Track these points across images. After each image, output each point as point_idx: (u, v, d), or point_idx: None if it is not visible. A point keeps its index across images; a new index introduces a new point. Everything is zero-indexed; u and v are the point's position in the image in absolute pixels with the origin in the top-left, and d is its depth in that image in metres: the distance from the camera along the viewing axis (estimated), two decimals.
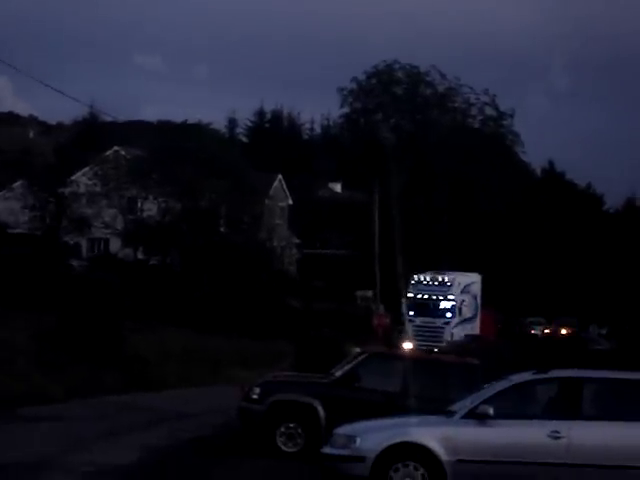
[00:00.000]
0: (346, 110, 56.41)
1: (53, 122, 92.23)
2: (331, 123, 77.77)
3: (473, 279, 48.15)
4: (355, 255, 57.14)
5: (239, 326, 40.04)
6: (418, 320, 46.08)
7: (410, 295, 47.25)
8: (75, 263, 50.17)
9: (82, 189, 52.81)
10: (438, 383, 19.24)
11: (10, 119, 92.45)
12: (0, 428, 20.59)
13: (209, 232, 52.38)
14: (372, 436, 14.76)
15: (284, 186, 67.56)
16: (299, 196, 66.49)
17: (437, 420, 15.03)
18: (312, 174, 69.75)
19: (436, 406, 16.04)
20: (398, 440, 14.53)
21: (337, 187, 75.35)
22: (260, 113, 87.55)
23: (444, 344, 41.16)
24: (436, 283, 46.72)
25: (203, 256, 49.76)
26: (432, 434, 14.55)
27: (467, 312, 46.35)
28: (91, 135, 59.05)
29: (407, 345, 35.96)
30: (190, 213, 51.90)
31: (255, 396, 20.01)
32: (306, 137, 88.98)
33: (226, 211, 54.34)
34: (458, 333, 44.19)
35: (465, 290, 47.04)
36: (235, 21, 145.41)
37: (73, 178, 53.80)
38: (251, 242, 51.54)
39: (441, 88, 55.18)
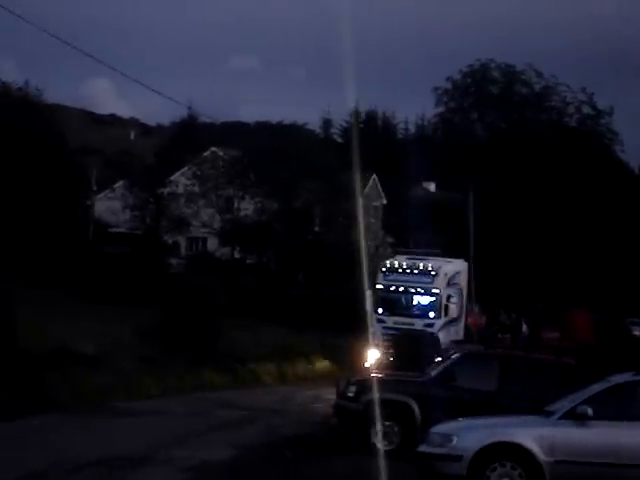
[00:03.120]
0: (441, 109, 56.27)
1: (153, 124, 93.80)
2: (425, 123, 77.49)
3: (459, 267, 37.70)
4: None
5: (334, 324, 40.22)
6: (390, 321, 34.48)
7: (380, 286, 35.40)
8: (174, 261, 51.02)
9: (181, 189, 53.62)
10: (534, 383, 19.09)
11: (112, 121, 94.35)
12: (100, 423, 21.09)
13: (304, 231, 52.78)
14: (469, 435, 14.75)
15: (378, 186, 67.60)
16: (393, 196, 66.44)
17: (535, 420, 14.95)
18: (406, 174, 69.60)
19: (532, 406, 15.97)
20: (495, 440, 14.50)
21: (431, 187, 75.10)
22: (355, 113, 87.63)
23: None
24: (416, 271, 35.21)
25: (298, 255, 50.13)
26: (530, 434, 14.48)
27: (454, 311, 35.20)
28: (189, 136, 59.91)
29: (371, 355, 32.11)
30: (285, 213, 52.35)
31: (351, 394, 20.13)
32: (400, 137, 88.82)
33: (320, 211, 54.64)
34: (443, 338, 33.36)
35: (452, 282, 36.00)
36: (330, 22, 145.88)
37: (172, 178, 54.68)
38: (345, 241, 51.73)
39: (537, 87, 54.66)
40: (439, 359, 22.56)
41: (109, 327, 30.13)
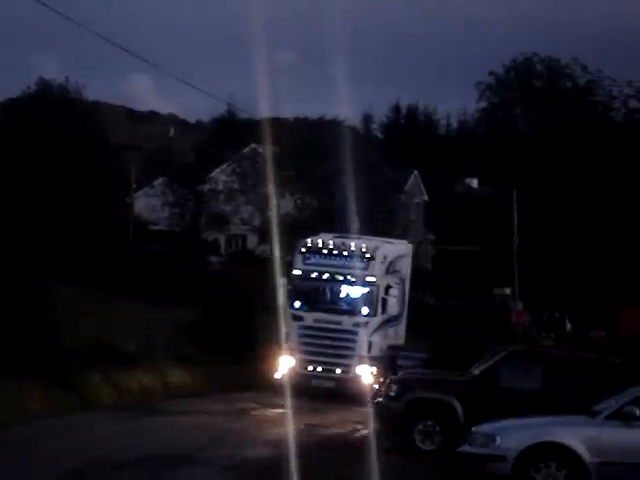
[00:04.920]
0: (483, 104, 55.81)
1: (192, 120, 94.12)
2: (468, 118, 77.07)
3: (402, 251, 29.81)
4: (492, 252, 56.47)
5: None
6: (309, 318, 27.09)
7: (297, 272, 27.67)
8: (213, 259, 51.04)
9: (220, 186, 53.67)
10: (580, 382, 18.85)
11: (151, 118, 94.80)
12: (141, 421, 21.09)
13: (344, 228, 52.52)
14: (513, 435, 14.59)
15: (420, 182, 67.31)
16: (435, 192, 66.13)
17: (580, 420, 14.74)
18: (448, 170, 69.30)
19: (578, 406, 15.70)
20: (540, 440, 14.33)
21: (474, 182, 74.65)
22: (396, 108, 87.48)
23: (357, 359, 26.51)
24: (345, 253, 27.27)
25: None
26: (575, 434, 14.30)
27: (394, 307, 27.52)
28: (229, 133, 59.95)
29: (285, 361, 26.74)
30: (325, 209, 52.17)
31: (393, 393, 19.95)
32: (442, 132, 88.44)
33: (361, 207, 54.43)
34: (379, 342, 26.97)
35: (392, 268, 28.06)
36: (371, 17, 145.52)
37: (211, 175, 54.75)
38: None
39: (582, 81, 54.02)
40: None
41: (148, 325, 30.16)
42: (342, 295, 27.63)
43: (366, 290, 27.12)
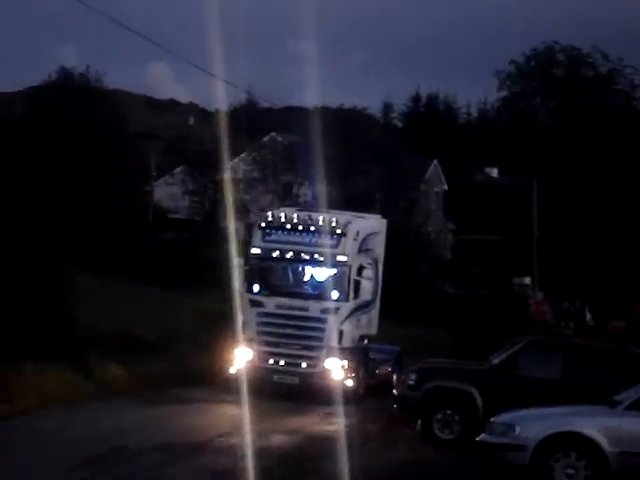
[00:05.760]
0: (504, 94, 55.57)
1: (212, 109, 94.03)
2: (488, 107, 76.75)
3: (376, 227, 26.16)
4: (512, 241, 56.30)
5: (395, 312, 39.90)
6: (270, 303, 23.63)
7: (255, 251, 24.12)
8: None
9: (240, 175, 53.65)
10: (600, 372, 18.80)
11: (171, 106, 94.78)
12: (161, 409, 21.17)
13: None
14: (532, 425, 14.57)
15: (440, 171, 67.11)
16: (455, 181, 65.94)
17: (600, 410, 14.70)
18: (468, 159, 69.04)
19: (597, 396, 15.66)
20: (559, 430, 14.30)
21: (494, 172, 74.37)
22: (416, 97, 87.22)
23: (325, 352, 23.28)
24: (312, 229, 23.69)
25: None
26: (595, 424, 14.26)
27: (366, 291, 24.05)
28: (248, 121, 59.92)
29: (241, 353, 23.36)
30: (345, 198, 52.10)
31: (411, 382, 19.93)
32: (462, 121, 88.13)
33: (381, 196, 54.37)
34: (351, 332, 23.71)
35: (365, 247, 24.65)
36: (390, 5, 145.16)
37: (231, 164, 54.70)
38: (405, 227, 51.41)
39: (603, 70, 53.70)
40: None
41: (169, 313, 30.21)
42: (308, 277, 23.97)
43: (336, 271, 23.47)
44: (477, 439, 15.29)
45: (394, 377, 24.18)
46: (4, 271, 23.03)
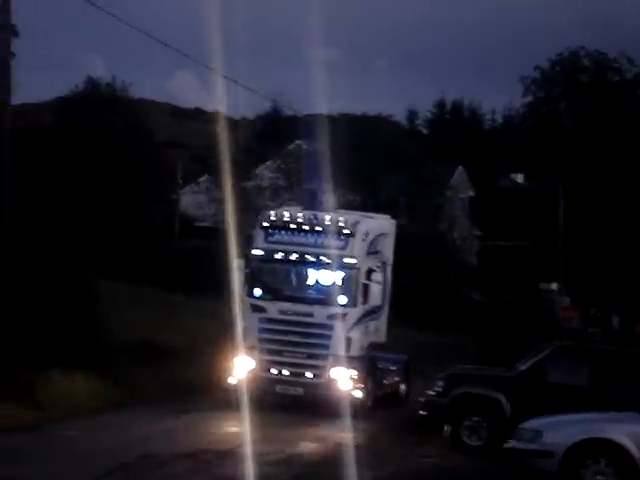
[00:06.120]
0: (529, 99, 55.46)
1: (237, 117, 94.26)
2: (513, 113, 76.57)
3: (385, 227, 24.53)
4: (538, 247, 56.12)
5: (421, 318, 39.85)
6: (273, 308, 22.17)
7: (257, 253, 22.67)
8: None
9: (265, 182, 53.73)
10: (628, 378, 18.68)
11: (196, 114, 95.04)
12: (186, 416, 21.14)
13: None
14: (560, 431, 14.51)
15: (465, 177, 66.97)
16: (481, 187, 65.79)
17: (629, 416, 14.63)
18: (494, 165, 68.88)
19: (626, 402, 15.57)
20: (588, 436, 14.24)
21: (519, 178, 74.20)
22: (440, 104, 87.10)
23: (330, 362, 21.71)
24: (318, 229, 22.27)
25: None
26: (624, 431, 14.20)
27: (376, 296, 22.46)
28: (274, 129, 60.07)
29: (242, 362, 21.98)
30: (370, 205, 52.11)
31: (439, 389, 19.91)
32: (487, 127, 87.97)
33: (406, 203, 54.34)
34: (359, 339, 22.09)
35: (374, 248, 23.15)
36: (413, 12, 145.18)
37: (256, 172, 54.82)
38: (431, 233, 51.33)
39: (629, 75, 53.53)
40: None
41: (194, 320, 30.26)
42: (313, 280, 22.31)
43: (344, 274, 21.87)
44: (505, 446, 15.23)
45: (402, 387, 24.25)
46: (33, 279, 23.15)
